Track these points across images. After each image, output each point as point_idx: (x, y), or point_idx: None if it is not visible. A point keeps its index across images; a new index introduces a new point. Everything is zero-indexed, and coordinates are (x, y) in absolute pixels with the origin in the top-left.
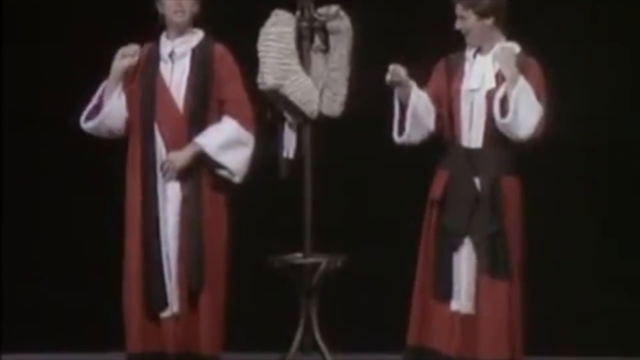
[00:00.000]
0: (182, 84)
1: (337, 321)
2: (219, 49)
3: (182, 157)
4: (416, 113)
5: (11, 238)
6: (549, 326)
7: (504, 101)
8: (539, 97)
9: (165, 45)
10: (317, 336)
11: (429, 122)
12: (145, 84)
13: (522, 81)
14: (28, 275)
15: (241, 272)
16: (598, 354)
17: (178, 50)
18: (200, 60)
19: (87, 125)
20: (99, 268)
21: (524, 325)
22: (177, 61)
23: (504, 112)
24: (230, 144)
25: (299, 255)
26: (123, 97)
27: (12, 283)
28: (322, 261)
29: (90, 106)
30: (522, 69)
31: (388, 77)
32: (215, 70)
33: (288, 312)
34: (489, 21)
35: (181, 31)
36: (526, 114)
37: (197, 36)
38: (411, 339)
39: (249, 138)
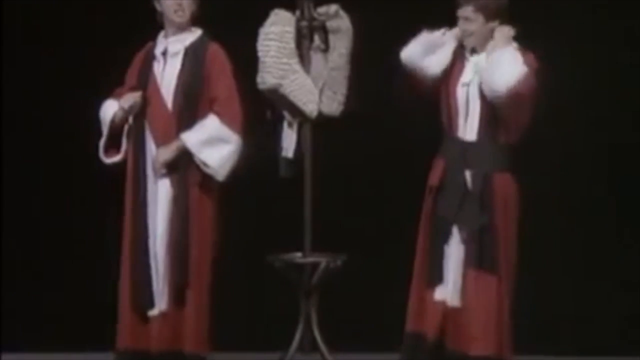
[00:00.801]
0: (172, 82)
1: (336, 321)
2: (213, 47)
3: (166, 151)
4: (435, 44)
5: (11, 238)
6: (548, 326)
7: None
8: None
9: (161, 43)
10: (317, 335)
11: (436, 63)
12: (139, 82)
13: (512, 47)
14: (28, 275)
15: (241, 271)
16: (598, 354)
17: (171, 49)
18: (192, 59)
19: (110, 160)
20: (98, 268)
21: (512, 321)
22: (169, 60)
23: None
24: (211, 141)
25: (299, 254)
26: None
27: (12, 283)
28: (322, 261)
29: (103, 142)
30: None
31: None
32: (206, 68)
33: (288, 312)
34: (494, 24)
35: (180, 30)
36: (506, 68)
37: (192, 35)
38: (409, 325)
39: (231, 136)
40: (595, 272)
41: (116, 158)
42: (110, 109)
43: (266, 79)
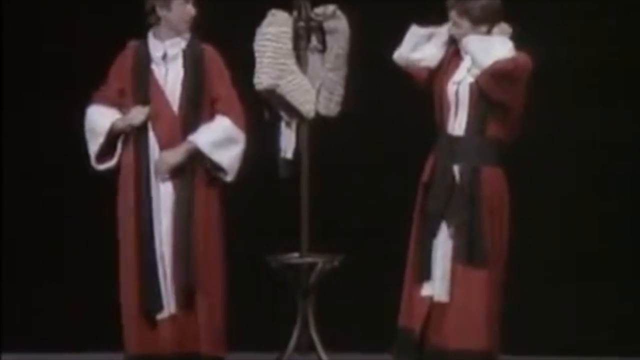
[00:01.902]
0: (177, 85)
1: (333, 321)
2: (208, 49)
3: (174, 154)
4: (424, 37)
5: (11, 238)
6: (548, 326)
7: None
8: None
9: (156, 46)
10: (314, 336)
11: (430, 55)
12: (137, 85)
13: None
14: (28, 275)
15: (238, 271)
16: (597, 354)
17: (170, 52)
18: (192, 62)
19: (103, 166)
20: (99, 268)
21: (501, 316)
22: (170, 63)
23: None
24: (223, 142)
25: (296, 255)
26: None
27: (12, 283)
28: (319, 261)
29: (97, 149)
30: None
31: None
32: (207, 70)
33: (285, 312)
34: (484, 28)
35: (178, 34)
36: (496, 47)
37: (185, 37)
38: (400, 321)
39: (240, 135)
40: (595, 271)
41: (110, 164)
42: (104, 118)
43: (263, 79)
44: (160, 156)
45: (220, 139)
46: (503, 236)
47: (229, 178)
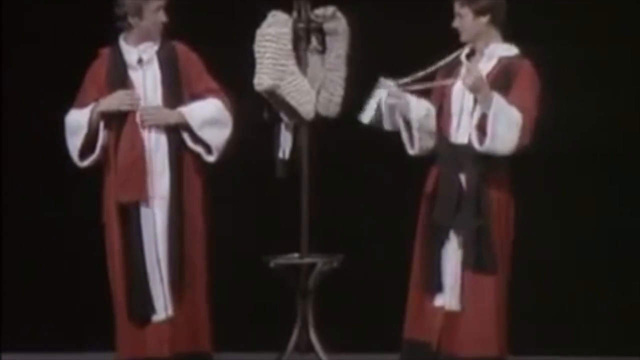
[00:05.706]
0: (157, 87)
1: (333, 321)
2: (179, 46)
3: (168, 115)
4: (422, 125)
5: (11, 238)
6: (548, 326)
7: (481, 126)
8: (524, 103)
9: (130, 52)
10: (313, 336)
11: (434, 125)
12: (114, 92)
13: (495, 99)
14: (28, 275)
15: (238, 272)
16: (598, 354)
17: (145, 56)
18: (167, 62)
19: (86, 162)
20: (98, 268)
21: (511, 321)
22: (146, 66)
23: (482, 138)
24: (212, 121)
25: (296, 255)
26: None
27: (12, 283)
28: (319, 261)
29: (80, 144)
30: (513, 72)
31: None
32: (183, 67)
33: (284, 313)
34: (485, 19)
35: (150, 40)
36: (504, 132)
37: (155, 39)
38: (407, 333)
39: (229, 120)
40: (595, 272)
41: (93, 156)
42: (83, 114)
43: (263, 80)
44: (158, 109)
45: (210, 117)
46: (509, 240)
47: (212, 158)
